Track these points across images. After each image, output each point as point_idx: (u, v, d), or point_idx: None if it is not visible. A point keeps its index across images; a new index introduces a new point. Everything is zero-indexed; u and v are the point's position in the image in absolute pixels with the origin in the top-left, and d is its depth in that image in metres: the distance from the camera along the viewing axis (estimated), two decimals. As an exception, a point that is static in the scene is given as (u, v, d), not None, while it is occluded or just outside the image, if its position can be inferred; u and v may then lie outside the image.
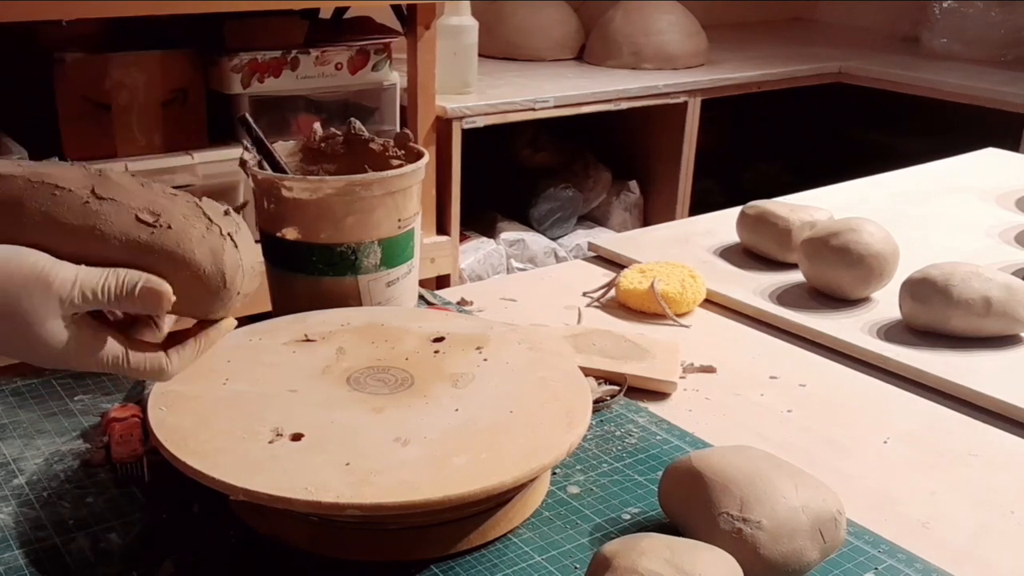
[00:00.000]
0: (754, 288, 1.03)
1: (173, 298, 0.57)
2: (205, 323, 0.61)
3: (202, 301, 0.59)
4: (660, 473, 0.64)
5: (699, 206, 2.08)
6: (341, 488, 0.56)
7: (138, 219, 0.57)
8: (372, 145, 0.90)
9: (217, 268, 0.58)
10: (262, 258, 0.62)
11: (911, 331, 0.93)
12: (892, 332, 0.93)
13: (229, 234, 0.59)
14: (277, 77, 1.74)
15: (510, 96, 2.10)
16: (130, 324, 0.60)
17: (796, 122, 3.03)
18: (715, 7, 2.99)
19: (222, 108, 1.72)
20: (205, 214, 0.59)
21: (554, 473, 0.70)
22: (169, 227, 0.57)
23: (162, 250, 0.57)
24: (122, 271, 0.56)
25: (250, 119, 0.85)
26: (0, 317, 0.54)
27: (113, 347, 0.57)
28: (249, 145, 0.85)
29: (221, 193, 1.68)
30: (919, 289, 0.92)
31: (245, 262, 0.60)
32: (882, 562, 0.62)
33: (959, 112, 2.40)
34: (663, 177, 2.50)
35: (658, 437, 0.75)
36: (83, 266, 0.56)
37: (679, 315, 0.97)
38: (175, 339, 0.60)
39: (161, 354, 0.59)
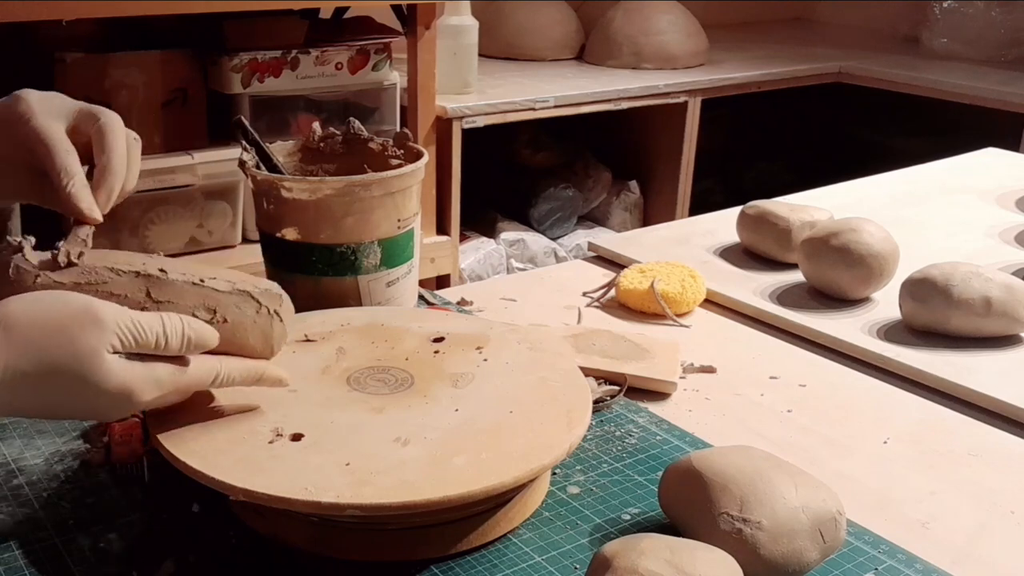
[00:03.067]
0: (754, 288, 1.03)
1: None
2: None
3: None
4: (660, 473, 0.64)
5: (699, 206, 2.07)
6: (341, 488, 0.56)
7: (195, 317, 0.60)
8: (371, 145, 0.90)
9: (267, 345, 0.64)
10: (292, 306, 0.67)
11: (911, 331, 0.93)
12: (892, 332, 0.93)
13: (276, 311, 0.64)
14: (277, 77, 1.73)
15: (510, 96, 2.09)
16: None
17: (796, 122, 3.03)
18: (715, 7, 2.99)
19: (222, 108, 1.71)
20: (253, 297, 0.63)
21: (554, 473, 0.70)
22: (225, 320, 0.61)
23: (221, 341, 0.61)
24: (174, 317, 0.58)
25: (245, 122, 0.85)
26: (57, 361, 0.54)
27: (164, 367, 0.57)
28: (247, 146, 0.85)
29: (221, 192, 1.68)
30: (919, 289, 0.92)
31: (287, 324, 0.65)
32: (882, 562, 0.62)
33: (959, 112, 2.40)
34: (663, 177, 2.49)
35: (658, 437, 0.75)
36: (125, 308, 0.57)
37: (679, 315, 0.97)
38: None
39: (213, 357, 0.60)
